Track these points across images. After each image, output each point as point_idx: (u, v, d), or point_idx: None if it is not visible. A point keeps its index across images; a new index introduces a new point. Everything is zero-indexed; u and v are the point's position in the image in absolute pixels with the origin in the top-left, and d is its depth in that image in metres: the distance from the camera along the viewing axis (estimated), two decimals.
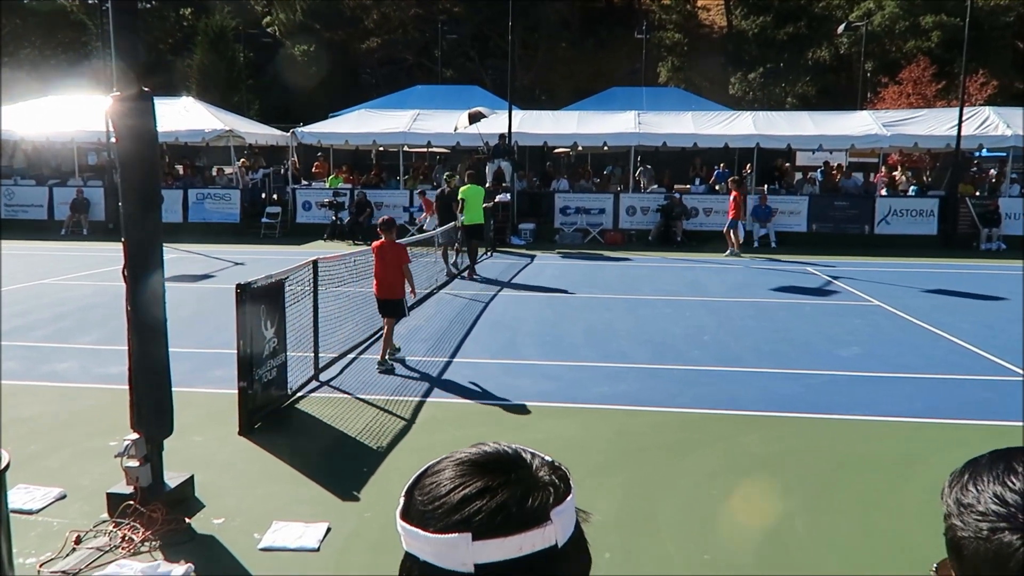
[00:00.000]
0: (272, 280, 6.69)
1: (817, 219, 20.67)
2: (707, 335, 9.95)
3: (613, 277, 15.04)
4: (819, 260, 17.31)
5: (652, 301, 12.38)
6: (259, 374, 6.41)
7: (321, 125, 24.23)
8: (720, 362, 8.62)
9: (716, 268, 16.30)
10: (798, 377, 8.05)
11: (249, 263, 16.30)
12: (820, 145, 21.14)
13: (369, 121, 23.47)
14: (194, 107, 23.87)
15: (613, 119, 22.59)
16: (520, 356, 8.87)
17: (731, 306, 12.01)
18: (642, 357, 8.82)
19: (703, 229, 20.83)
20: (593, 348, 9.23)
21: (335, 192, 21.34)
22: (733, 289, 13.65)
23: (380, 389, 7.48)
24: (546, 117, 23.76)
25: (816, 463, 5.77)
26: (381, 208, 21.80)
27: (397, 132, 22.17)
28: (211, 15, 43.26)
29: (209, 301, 12.11)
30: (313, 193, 22.57)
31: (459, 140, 21.76)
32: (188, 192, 22.13)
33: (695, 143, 21.11)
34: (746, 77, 45.46)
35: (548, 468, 0.84)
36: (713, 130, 21.34)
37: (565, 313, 11.32)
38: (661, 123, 22.02)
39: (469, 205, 14.61)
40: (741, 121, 21.87)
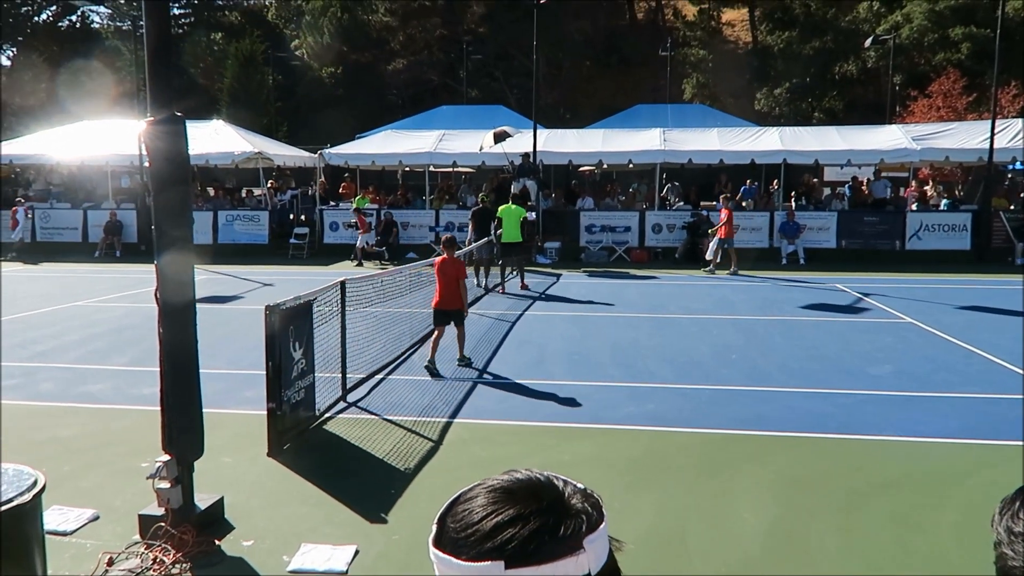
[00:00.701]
0: (300, 301, 6.76)
1: (846, 235, 20.45)
2: (735, 353, 9.87)
3: (639, 295, 15.00)
4: (849, 277, 17.12)
5: (679, 319, 12.33)
6: (288, 395, 6.46)
7: (348, 146, 24.53)
8: (748, 381, 8.55)
9: (744, 286, 16.17)
10: (828, 396, 7.94)
11: (278, 284, 16.46)
12: (848, 160, 20.94)
13: (395, 142, 23.72)
14: (224, 130, 24.31)
15: (638, 136, 22.60)
16: (547, 375, 8.87)
17: (759, 324, 11.92)
18: (669, 376, 8.78)
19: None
20: (619, 367, 9.19)
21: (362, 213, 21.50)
22: (761, 307, 13.54)
23: (407, 410, 7.50)
24: (571, 135, 23.84)
25: (848, 484, 5.67)
26: (407, 228, 21.98)
27: (423, 152, 22.37)
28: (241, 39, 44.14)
29: (239, 322, 12.25)
30: (341, 214, 22.83)
31: (484, 159, 21.89)
32: (218, 214, 22.47)
33: (721, 159, 21.03)
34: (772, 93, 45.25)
35: (581, 496, 0.84)
36: (739, 146, 21.25)
37: (591, 331, 11.29)
38: (686, 140, 21.99)
39: (506, 224, 15.47)
40: (767, 137, 21.76)
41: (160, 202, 4.77)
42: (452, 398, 7.93)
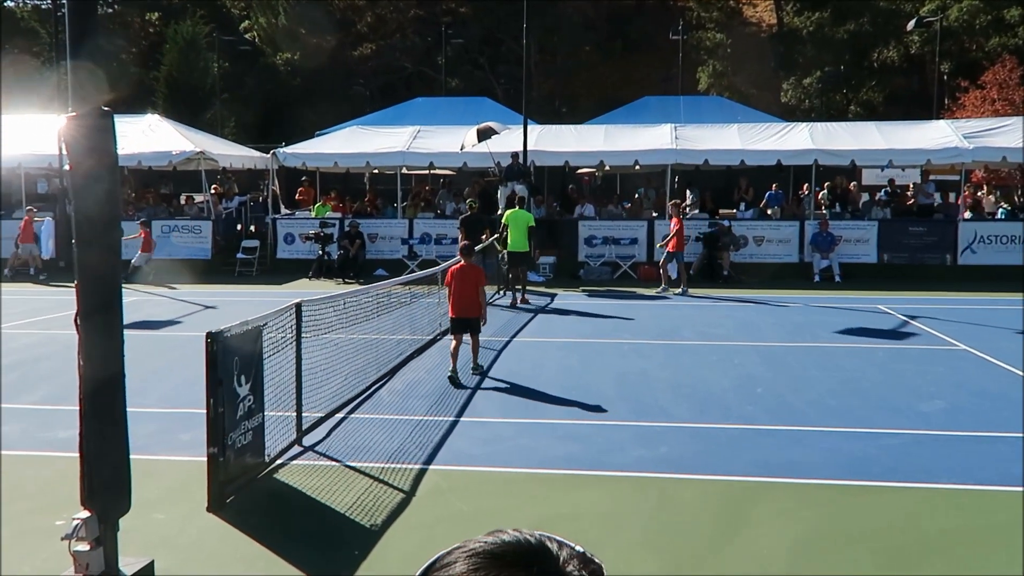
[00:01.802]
0: (248, 327, 6.72)
1: (889, 248, 20.62)
2: (761, 387, 9.88)
3: (648, 318, 15.02)
4: (892, 297, 17.23)
5: (695, 347, 12.34)
6: (232, 438, 6.41)
7: (306, 145, 24.57)
8: (777, 419, 8.55)
9: (771, 307, 16.25)
10: (871, 437, 7.95)
11: (222, 306, 16.40)
12: (890, 161, 21.15)
13: (362, 140, 23.79)
14: (160, 126, 24.32)
15: (646, 133, 22.77)
16: (540, 413, 8.84)
17: (789, 352, 11.95)
18: (684, 414, 8.78)
19: (754, 261, 20.81)
20: (626, 403, 9.18)
21: (322, 223, 21.54)
22: (791, 332, 13.58)
23: (374, 455, 7.45)
24: (567, 132, 24.00)
25: (895, 542, 5.66)
26: (376, 240, 21.99)
27: (394, 152, 22.44)
28: (181, 20, 44.32)
29: (175, 352, 12.16)
30: (297, 224, 22.78)
31: (466, 160, 21.98)
32: (152, 224, 22.40)
33: (742, 160, 21.20)
34: (800, 83, 45.76)
35: (578, 561, 0.83)
36: (763, 145, 21.44)
37: (592, 361, 11.29)
38: (702, 137, 22.17)
39: (512, 230, 16.53)
40: (796, 134, 21.97)
41: (83, 210, 4.74)
42: (427, 440, 7.89)
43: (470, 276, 10.37)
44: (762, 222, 21.61)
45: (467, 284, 10.28)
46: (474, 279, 10.36)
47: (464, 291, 10.28)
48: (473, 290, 10.28)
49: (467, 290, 10.28)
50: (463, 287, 10.28)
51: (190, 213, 23.66)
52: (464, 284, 10.28)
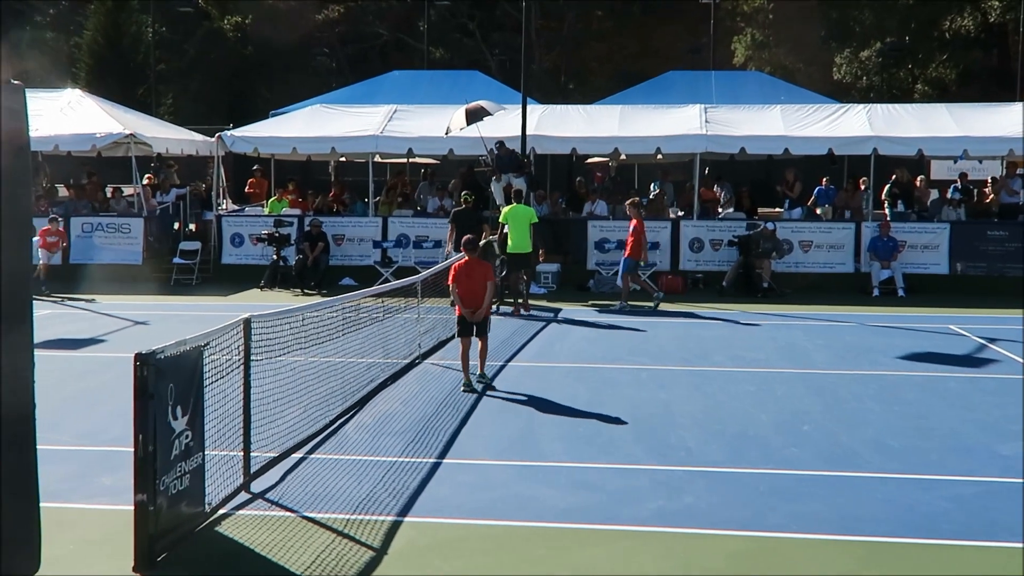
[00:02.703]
0: (186, 347, 6.70)
1: (963, 256, 20.64)
2: (808, 423, 9.86)
3: (671, 339, 14.98)
4: (967, 315, 17.24)
5: (728, 374, 12.31)
6: (165, 483, 6.38)
7: (259, 127, 24.55)
8: (828, 463, 8.53)
9: (820, 327, 16.24)
10: (942, 485, 7.93)
11: (154, 322, 16.33)
12: (965, 151, 21.19)
13: (326, 121, 23.79)
14: (82, 103, 24.30)
15: (669, 116, 22.80)
16: (539, 455, 8.81)
17: (842, 382, 11.91)
18: (714, 456, 8.75)
19: (799, 271, 20.81)
20: (644, 442, 9.15)
21: (277, 221, 21.52)
22: (845, 357, 13.55)
23: (338, 503, 7.43)
24: (575, 114, 24.03)
25: None
26: (343, 243, 21.97)
27: (366, 136, 22.44)
28: None
29: (96, 376, 12.09)
30: (247, 222, 22.75)
31: (452, 147, 21.99)
32: (71, 221, 22.36)
33: (786, 149, 21.21)
34: (857, 56, 45.89)
35: None
36: (811, 130, 21.47)
37: (603, 392, 11.26)
38: (737, 121, 22.21)
39: (513, 230, 16.97)
40: (851, 118, 22.00)
41: None
42: (402, 486, 7.86)
43: (477, 272, 11.45)
44: (810, 223, 21.59)
45: (474, 281, 11.37)
46: (481, 275, 11.47)
47: (472, 289, 11.34)
48: (481, 287, 11.35)
49: (475, 287, 11.34)
50: (470, 284, 11.34)
51: (117, 209, 23.60)
52: (471, 281, 11.36)
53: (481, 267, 11.68)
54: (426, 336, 13.92)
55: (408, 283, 13.75)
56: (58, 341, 14.21)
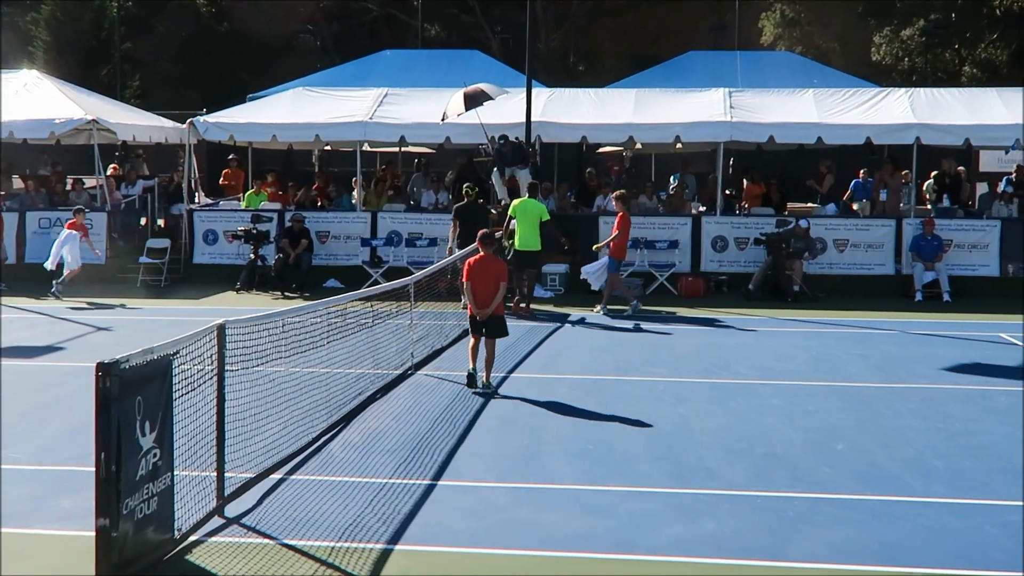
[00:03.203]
0: (154, 356, 6.72)
1: (1015, 256, 20.60)
2: (842, 442, 9.86)
3: (691, 349, 15.01)
4: (1019, 321, 17.16)
5: (753, 387, 12.32)
6: (130, 506, 6.39)
7: (235, 112, 24.55)
8: (864, 486, 8.53)
9: (856, 335, 16.24)
10: (990, 511, 7.93)
11: (119, 328, 16.36)
12: (1017, 140, 21.13)
13: (310, 106, 23.80)
14: (40, 85, 24.34)
15: (690, 101, 22.82)
16: (545, 476, 8.81)
17: (880, 395, 11.91)
18: (738, 478, 8.75)
19: (833, 272, 20.83)
20: (660, 462, 9.15)
21: (255, 216, 21.51)
22: (883, 368, 13.55)
23: (321, 530, 7.43)
24: (586, 98, 24.02)
25: None
26: (327, 241, 21.98)
27: (353, 122, 22.45)
28: None
29: (56, 389, 12.09)
30: (221, 217, 22.79)
31: (449, 135, 22.00)
32: (26, 216, 22.39)
33: (819, 137, 21.21)
34: (898, 35, 45.88)
35: None
36: (847, 117, 21.44)
37: (615, 406, 11.26)
38: (765, 106, 22.21)
39: (521, 225, 17.40)
40: (891, 103, 21.99)
41: None
42: (393, 510, 7.87)
43: (491, 269, 12.02)
44: (845, 220, 21.60)
45: (488, 278, 11.93)
46: (495, 272, 12.04)
47: (485, 286, 11.92)
48: (494, 285, 11.90)
49: (488, 285, 11.92)
50: (484, 282, 11.92)
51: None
52: (484, 278, 11.93)
53: (496, 264, 12.20)
54: (419, 344, 13.93)
55: (400, 285, 13.74)
56: (13, 349, 14.21)
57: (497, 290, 11.95)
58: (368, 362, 12.11)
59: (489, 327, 12.00)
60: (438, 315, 15.63)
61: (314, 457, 9.31)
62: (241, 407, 8.33)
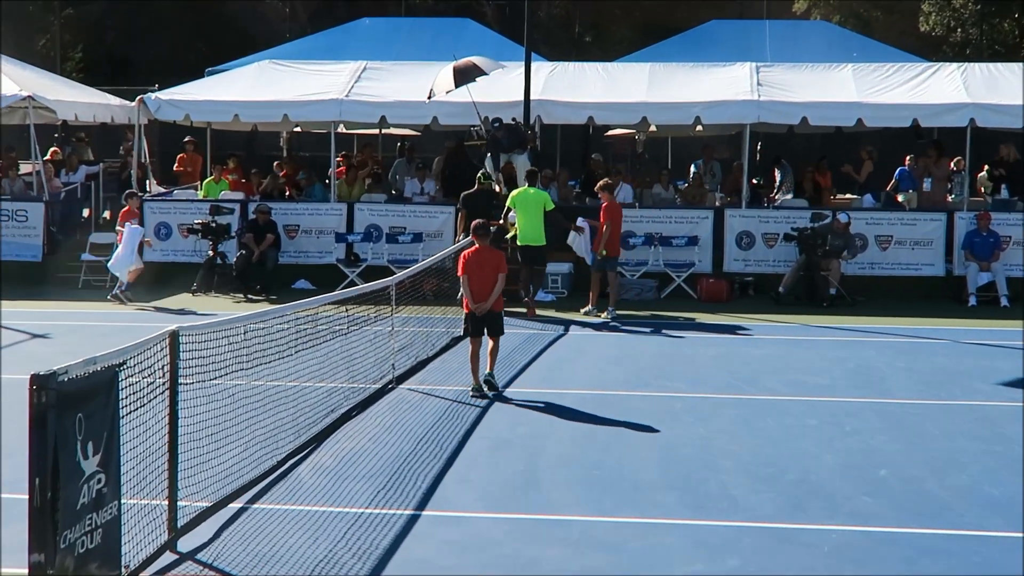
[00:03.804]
0: (97, 367, 6.68)
1: None
2: (885, 467, 9.84)
3: (713, 360, 15.00)
4: None
5: (784, 404, 12.31)
6: (70, 539, 6.36)
7: (192, 88, 24.50)
8: (910, 517, 8.52)
9: (901, 344, 16.25)
10: None
11: (58, 335, 16.32)
12: None
13: (277, 81, 23.78)
14: None
15: (712, 77, 22.81)
16: (545, 505, 8.80)
17: (929, 414, 11.90)
18: (766, 508, 8.74)
19: (875, 273, 20.85)
20: (677, 490, 9.14)
21: (214, 207, 21.47)
22: (932, 383, 13.54)
23: (288, 565, 7.40)
24: (593, 74, 24.01)
25: None
26: (296, 236, 21.95)
27: (327, 100, 22.42)
28: None
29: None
30: (176, 209, 22.76)
31: (437, 114, 22.00)
32: None
33: (859, 119, 21.22)
34: (950, 3, 45.97)
35: None
36: (891, 96, 21.45)
37: (625, 426, 11.25)
38: (798, 83, 22.21)
39: (522, 217, 17.46)
40: (942, 80, 21.99)
41: None
42: (369, 543, 7.85)
43: (489, 262, 12.63)
44: (889, 214, 21.57)
45: (486, 271, 12.53)
46: (494, 264, 12.63)
47: (483, 280, 12.51)
48: (493, 277, 12.49)
49: (486, 279, 12.50)
50: (481, 275, 12.52)
51: (11, 191, 23.58)
52: (482, 271, 12.53)
53: (493, 255, 12.89)
54: (402, 355, 13.91)
55: (380, 287, 13.73)
56: None
57: (496, 282, 12.47)
58: (343, 375, 12.09)
59: (490, 324, 12.56)
60: (423, 321, 15.62)
61: (280, 483, 9.28)
62: (197, 426, 8.30)
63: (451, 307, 16.27)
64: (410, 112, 22.63)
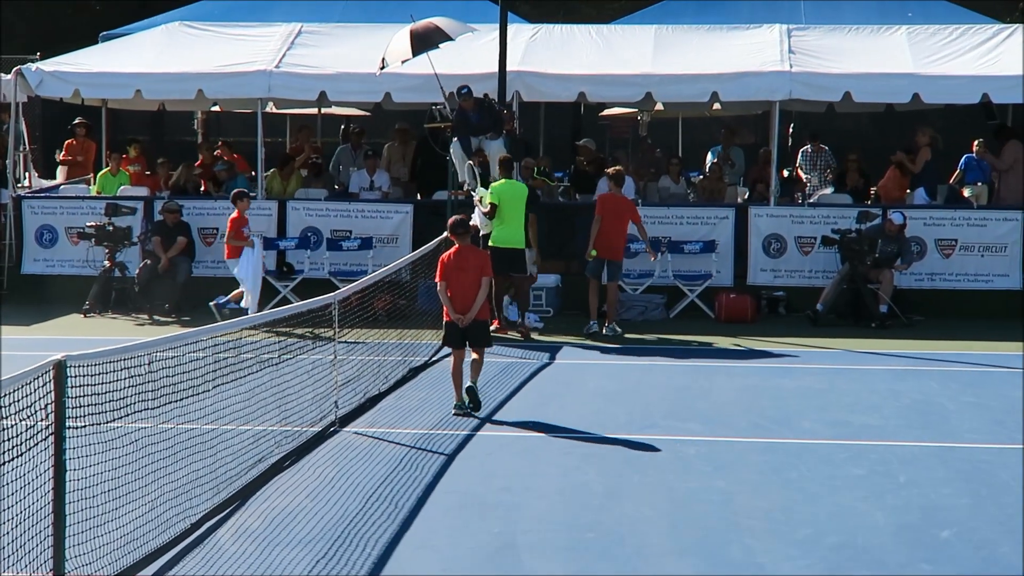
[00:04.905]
0: None
1: None
2: (949, 527, 9.83)
3: (735, 395, 15.05)
4: None
5: (822, 450, 12.33)
6: None
7: (83, 57, 24.45)
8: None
9: (968, 374, 16.34)
10: None
11: None
12: None
13: (190, 48, 23.77)
14: None
15: (733, 42, 22.95)
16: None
17: (1002, 460, 11.92)
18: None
19: (936, 287, 21.00)
20: (690, 557, 9.12)
21: (111, 206, 21.40)
22: (1006, 422, 13.56)
23: None
24: (584, 39, 24.04)
25: None
26: (215, 243, 21.88)
27: (252, 72, 22.43)
28: None
29: None
30: (64, 208, 22.72)
31: (389, 90, 22.00)
32: None
33: (915, 94, 21.31)
34: None
35: None
36: (954, 66, 21.58)
37: (627, 477, 11.28)
38: (839, 50, 22.34)
39: (504, 213, 17.88)
40: (1016, 44, 22.03)
41: None
42: None
43: (470, 262, 13.55)
44: (953, 211, 21.67)
45: (467, 273, 13.43)
46: (476, 265, 13.56)
47: (465, 286, 13.40)
48: (475, 281, 13.36)
49: (468, 284, 13.39)
50: (462, 280, 13.41)
51: None
52: (464, 276, 13.42)
53: (476, 256, 14.02)
54: (347, 390, 13.92)
55: (319, 305, 13.73)
56: None
57: (479, 286, 13.37)
58: (273, 415, 12.07)
59: (473, 334, 13.53)
60: (373, 348, 15.63)
61: (194, 551, 9.20)
62: (89, 480, 8.28)
63: (409, 330, 16.27)
64: (357, 87, 22.69)
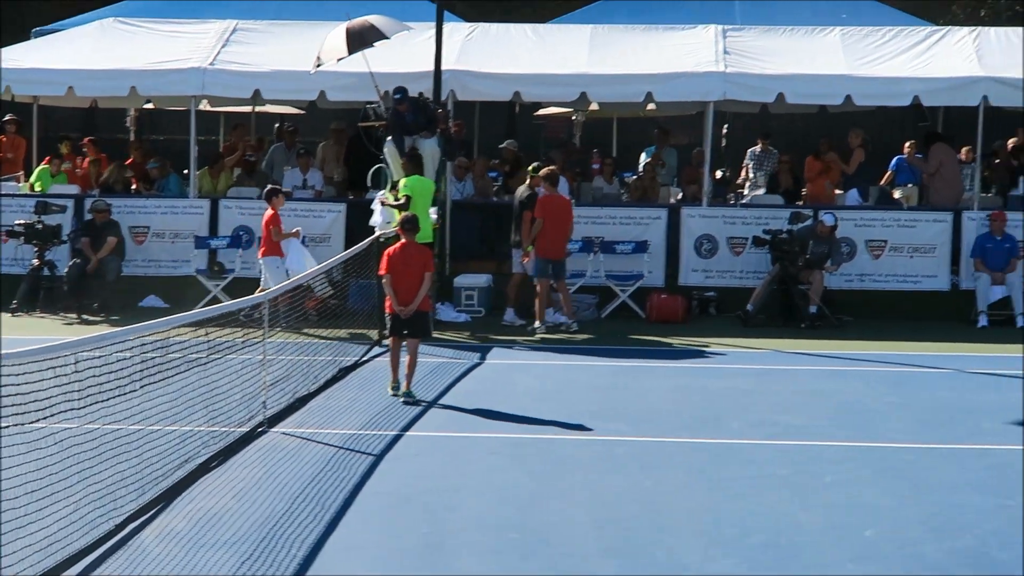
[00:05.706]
0: None
1: None
2: (874, 526, 9.87)
3: (664, 396, 15.10)
4: None
5: (749, 450, 12.39)
6: None
7: (14, 53, 24.20)
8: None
9: (895, 374, 16.47)
10: None
11: None
12: None
13: (123, 44, 23.57)
14: None
15: (668, 42, 22.94)
16: (452, 573, 8.82)
17: (928, 461, 12.01)
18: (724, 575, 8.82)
19: (864, 287, 21.16)
20: (617, 557, 9.13)
21: (41, 204, 21.23)
22: (931, 423, 13.69)
23: None
24: (521, 37, 24.05)
25: None
26: (145, 241, 21.76)
27: (186, 70, 22.29)
28: None
29: None
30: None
31: (324, 89, 21.95)
32: None
33: (848, 96, 21.41)
34: None
35: None
36: (887, 68, 21.66)
37: (555, 477, 11.31)
38: (773, 51, 22.42)
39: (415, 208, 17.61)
40: (950, 49, 22.16)
41: None
42: None
43: (414, 258, 14.51)
44: (883, 212, 21.83)
45: (411, 268, 14.37)
46: (420, 261, 14.57)
47: (409, 280, 14.33)
48: (419, 276, 14.36)
49: (411, 276, 14.34)
50: (407, 275, 14.33)
51: None
52: (407, 269, 14.35)
53: (420, 252, 14.89)
54: (276, 390, 13.89)
55: (249, 305, 13.70)
56: None
57: (422, 281, 14.36)
58: (200, 415, 12.01)
59: (413, 326, 14.37)
60: (304, 348, 15.60)
61: (118, 552, 9.15)
62: (13, 480, 8.23)
63: (340, 329, 16.25)
64: (291, 85, 22.61)
